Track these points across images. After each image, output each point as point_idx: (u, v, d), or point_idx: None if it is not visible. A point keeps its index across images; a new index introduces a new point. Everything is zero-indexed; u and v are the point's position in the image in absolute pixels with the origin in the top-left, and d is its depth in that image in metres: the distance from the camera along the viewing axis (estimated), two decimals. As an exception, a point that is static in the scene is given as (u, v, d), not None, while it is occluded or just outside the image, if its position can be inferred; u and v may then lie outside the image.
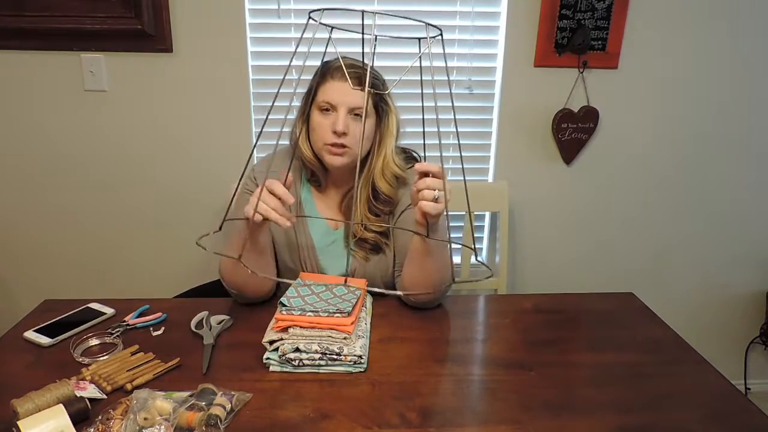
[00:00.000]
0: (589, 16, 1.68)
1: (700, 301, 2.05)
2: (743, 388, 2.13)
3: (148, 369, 0.95)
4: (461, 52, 1.73)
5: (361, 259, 1.25)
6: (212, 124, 1.74)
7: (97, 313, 1.15)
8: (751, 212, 1.95)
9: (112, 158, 1.76)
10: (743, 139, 1.87)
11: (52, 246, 1.84)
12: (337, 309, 1.01)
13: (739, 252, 2.00)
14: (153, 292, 1.83)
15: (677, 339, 1.13)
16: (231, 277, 1.17)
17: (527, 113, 1.79)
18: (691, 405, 0.91)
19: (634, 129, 1.83)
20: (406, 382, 0.95)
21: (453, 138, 1.83)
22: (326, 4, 1.68)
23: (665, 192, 1.91)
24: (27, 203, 1.79)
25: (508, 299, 1.44)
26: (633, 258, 1.98)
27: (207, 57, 1.67)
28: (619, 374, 0.99)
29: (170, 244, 1.85)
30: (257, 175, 1.28)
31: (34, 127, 1.71)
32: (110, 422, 0.80)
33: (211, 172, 1.78)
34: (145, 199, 1.80)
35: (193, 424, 0.79)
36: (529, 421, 0.86)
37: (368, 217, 1.24)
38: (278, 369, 0.97)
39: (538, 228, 1.91)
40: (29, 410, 0.78)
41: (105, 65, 1.66)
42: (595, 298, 1.34)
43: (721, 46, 1.76)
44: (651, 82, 1.78)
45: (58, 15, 1.58)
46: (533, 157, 1.83)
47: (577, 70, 1.73)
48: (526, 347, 1.07)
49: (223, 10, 1.63)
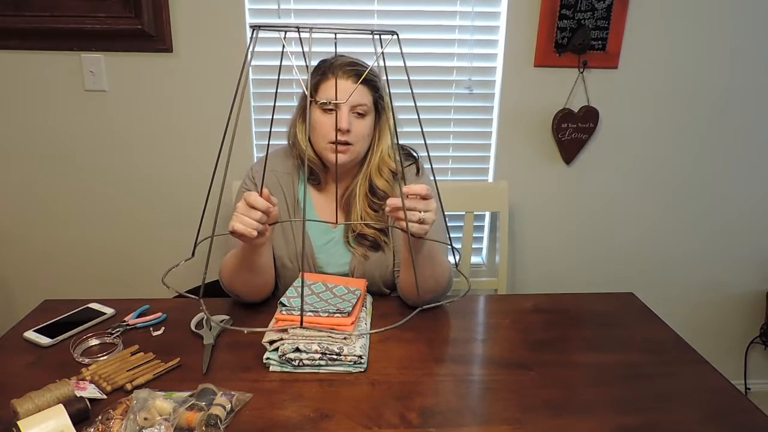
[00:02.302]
0: (589, 16, 1.68)
1: (700, 301, 2.05)
2: (743, 388, 2.13)
3: (148, 369, 0.95)
4: (461, 52, 1.73)
5: (360, 257, 1.25)
6: (212, 124, 1.74)
7: (97, 313, 1.15)
8: (751, 212, 1.95)
9: (112, 158, 1.75)
10: (743, 139, 1.87)
11: (52, 246, 1.83)
12: (337, 309, 1.01)
13: (738, 252, 2.00)
14: (153, 292, 1.83)
15: (677, 339, 1.13)
16: (229, 285, 1.18)
17: (527, 113, 1.79)
18: (691, 405, 0.91)
19: (634, 129, 1.83)
20: (406, 382, 0.95)
21: (452, 138, 1.83)
22: (327, 5, 1.68)
23: (665, 192, 1.91)
24: (27, 203, 1.79)
25: (508, 299, 1.44)
26: (633, 258, 1.98)
27: (207, 57, 1.67)
28: (619, 374, 0.99)
29: (170, 244, 1.85)
30: (255, 174, 1.28)
31: (34, 127, 1.71)
32: (110, 422, 0.80)
33: (211, 172, 1.78)
34: (145, 199, 1.80)
35: (193, 424, 0.79)
36: (529, 421, 0.86)
37: (367, 213, 1.24)
38: (278, 369, 0.97)
39: (538, 228, 1.91)
40: (29, 410, 0.78)
41: (105, 65, 1.66)
42: (595, 298, 1.34)
43: (721, 45, 1.76)
44: (651, 82, 1.78)
45: (58, 15, 1.58)
46: (533, 157, 1.83)
47: (577, 70, 1.73)
48: (526, 347, 1.07)
49: (223, 10, 1.63)
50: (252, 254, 1.09)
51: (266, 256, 1.14)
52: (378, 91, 1.21)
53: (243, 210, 0.98)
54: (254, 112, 1.75)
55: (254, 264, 1.11)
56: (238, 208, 0.99)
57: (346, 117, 1.15)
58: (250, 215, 0.98)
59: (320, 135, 1.19)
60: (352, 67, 1.17)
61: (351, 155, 1.20)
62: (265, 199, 0.98)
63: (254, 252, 1.08)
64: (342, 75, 1.15)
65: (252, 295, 1.19)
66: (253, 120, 1.76)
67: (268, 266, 1.18)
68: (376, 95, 1.21)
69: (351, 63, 1.18)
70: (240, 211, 0.98)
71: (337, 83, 1.15)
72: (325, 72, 1.17)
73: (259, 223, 0.98)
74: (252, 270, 1.12)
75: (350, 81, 1.16)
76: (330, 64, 1.18)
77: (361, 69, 1.18)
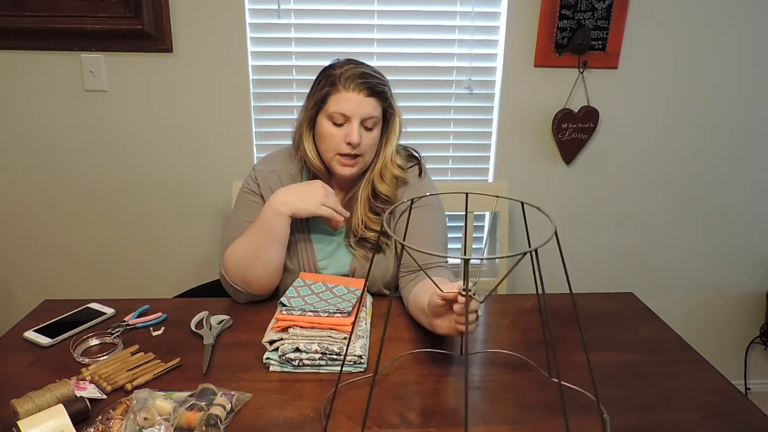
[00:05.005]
0: (589, 16, 1.68)
1: (700, 301, 2.05)
2: (743, 388, 2.13)
3: (148, 369, 0.95)
4: (461, 52, 1.73)
5: (361, 259, 1.25)
6: (212, 124, 1.74)
7: (97, 313, 1.15)
8: (751, 212, 1.95)
9: (112, 158, 1.76)
10: (743, 138, 1.87)
11: (52, 246, 1.83)
12: (337, 309, 1.01)
13: (739, 252, 2.00)
14: (153, 292, 1.84)
15: (677, 339, 1.13)
16: (242, 272, 1.17)
17: (527, 113, 1.79)
18: (691, 405, 0.91)
19: (634, 129, 1.83)
20: (406, 382, 0.95)
21: (452, 138, 1.83)
22: (327, 5, 1.68)
23: (665, 192, 1.91)
24: (27, 203, 1.79)
25: (508, 299, 1.43)
26: (633, 258, 1.98)
27: (207, 57, 1.67)
28: (619, 374, 0.99)
29: (170, 244, 1.85)
30: (258, 174, 1.28)
31: (34, 127, 1.71)
32: (110, 422, 0.80)
33: (211, 172, 1.78)
34: (145, 199, 1.80)
35: (193, 424, 0.79)
36: (529, 421, 0.86)
37: (369, 216, 1.24)
38: (278, 369, 0.97)
39: (538, 228, 1.91)
40: (29, 410, 0.78)
41: (105, 65, 1.66)
42: (595, 298, 1.34)
43: (721, 45, 1.76)
44: (651, 82, 1.78)
45: (58, 15, 1.58)
46: (533, 157, 1.83)
47: (577, 70, 1.73)
48: (526, 347, 1.07)
49: (223, 10, 1.63)
50: (285, 228, 1.17)
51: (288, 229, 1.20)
52: (387, 100, 1.20)
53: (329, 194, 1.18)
54: (254, 112, 1.75)
55: (285, 236, 1.18)
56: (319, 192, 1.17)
57: (356, 131, 1.14)
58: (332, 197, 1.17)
59: (329, 146, 1.18)
60: (363, 80, 1.14)
61: (359, 167, 1.20)
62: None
63: (287, 226, 1.17)
64: (354, 89, 1.14)
65: (264, 282, 1.19)
66: (253, 120, 1.76)
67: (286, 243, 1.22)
68: (385, 104, 1.20)
69: (363, 75, 1.15)
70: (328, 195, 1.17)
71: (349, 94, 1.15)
72: (334, 82, 1.15)
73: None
74: (283, 242, 1.19)
75: (362, 95, 1.14)
76: (340, 74, 1.15)
77: (372, 80, 1.15)
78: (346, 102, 1.14)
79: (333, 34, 1.69)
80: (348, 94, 1.14)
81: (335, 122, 1.16)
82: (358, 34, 1.70)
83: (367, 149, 1.19)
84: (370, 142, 1.19)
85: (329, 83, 1.16)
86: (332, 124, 1.16)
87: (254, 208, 1.22)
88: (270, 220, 1.16)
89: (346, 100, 1.14)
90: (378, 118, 1.18)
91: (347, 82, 1.14)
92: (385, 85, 1.19)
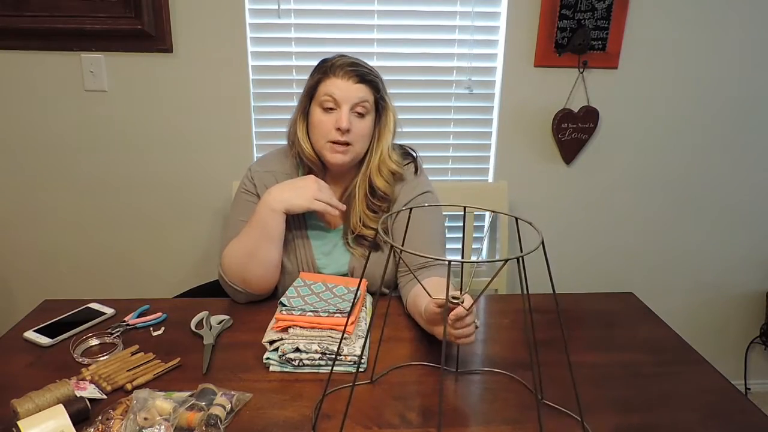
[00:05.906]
0: (589, 16, 1.68)
1: (700, 301, 2.05)
2: (743, 388, 2.13)
3: (148, 369, 0.95)
4: (461, 52, 1.73)
5: (360, 258, 1.25)
6: (212, 124, 1.74)
7: (97, 313, 1.15)
8: (751, 212, 1.95)
9: (112, 158, 1.75)
10: (743, 138, 1.87)
11: (52, 246, 1.83)
12: (337, 309, 1.01)
13: (738, 252, 2.00)
14: (153, 292, 1.84)
15: (677, 339, 1.13)
16: (240, 272, 1.17)
17: (527, 113, 1.79)
18: (691, 405, 0.91)
19: (634, 129, 1.83)
20: (406, 382, 0.95)
21: (452, 138, 1.83)
22: (327, 5, 1.68)
23: (665, 192, 1.91)
24: (27, 203, 1.79)
25: (508, 299, 1.43)
26: (633, 258, 1.98)
27: (207, 57, 1.67)
28: (619, 374, 0.99)
29: (170, 244, 1.85)
30: (254, 174, 1.28)
31: (34, 128, 1.71)
32: (110, 422, 0.80)
33: (211, 172, 1.78)
34: (145, 199, 1.80)
35: (193, 424, 0.79)
36: (529, 421, 0.86)
37: (366, 214, 1.24)
38: (278, 369, 0.97)
39: (538, 228, 1.91)
40: (29, 410, 0.78)
41: (105, 65, 1.66)
42: (595, 298, 1.34)
43: (721, 45, 1.76)
44: (651, 82, 1.78)
45: (58, 15, 1.58)
46: (533, 157, 1.83)
47: (577, 70, 1.73)
48: (525, 347, 1.07)
49: (223, 10, 1.63)
50: (281, 225, 1.17)
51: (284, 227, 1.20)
52: (379, 91, 1.21)
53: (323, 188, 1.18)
54: (254, 112, 1.75)
55: (282, 233, 1.18)
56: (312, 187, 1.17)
57: (346, 116, 1.15)
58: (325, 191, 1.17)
59: (320, 134, 1.19)
60: (353, 68, 1.17)
61: (350, 155, 1.20)
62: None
63: (282, 222, 1.17)
64: (344, 75, 1.15)
65: (263, 281, 1.19)
66: (253, 120, 1.76)
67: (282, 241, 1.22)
68: (377, 95, 1.21)
69: (352, 63, 1.18)
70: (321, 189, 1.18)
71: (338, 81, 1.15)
72: (326, 71, 1.17)
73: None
74: (280, 239, 1.18)
75: (351, 81, 1.16)
76: (331, 63, 1.18)
77: (362, 69, 1.18)
78: (335, 87, 1.15)
79: (333, 34, 1.69)
80: (337, 80, 1.16)
81: (325, 107, 1.17)
82: (358, 34, 1.70)
83: (358, 138, 1.19)
84: (362, 131, 1.19)
85: (321, 72, 1.18)
86: (323, 110, 1.17)
87: (251, 208, 1.22)
88: (265, 217, 1.16)
89: (335, 86, 1.16)
90: (370, 105, 1.19)
91: (337, 70, 1.16)
92: (376, 77, 1.20)
